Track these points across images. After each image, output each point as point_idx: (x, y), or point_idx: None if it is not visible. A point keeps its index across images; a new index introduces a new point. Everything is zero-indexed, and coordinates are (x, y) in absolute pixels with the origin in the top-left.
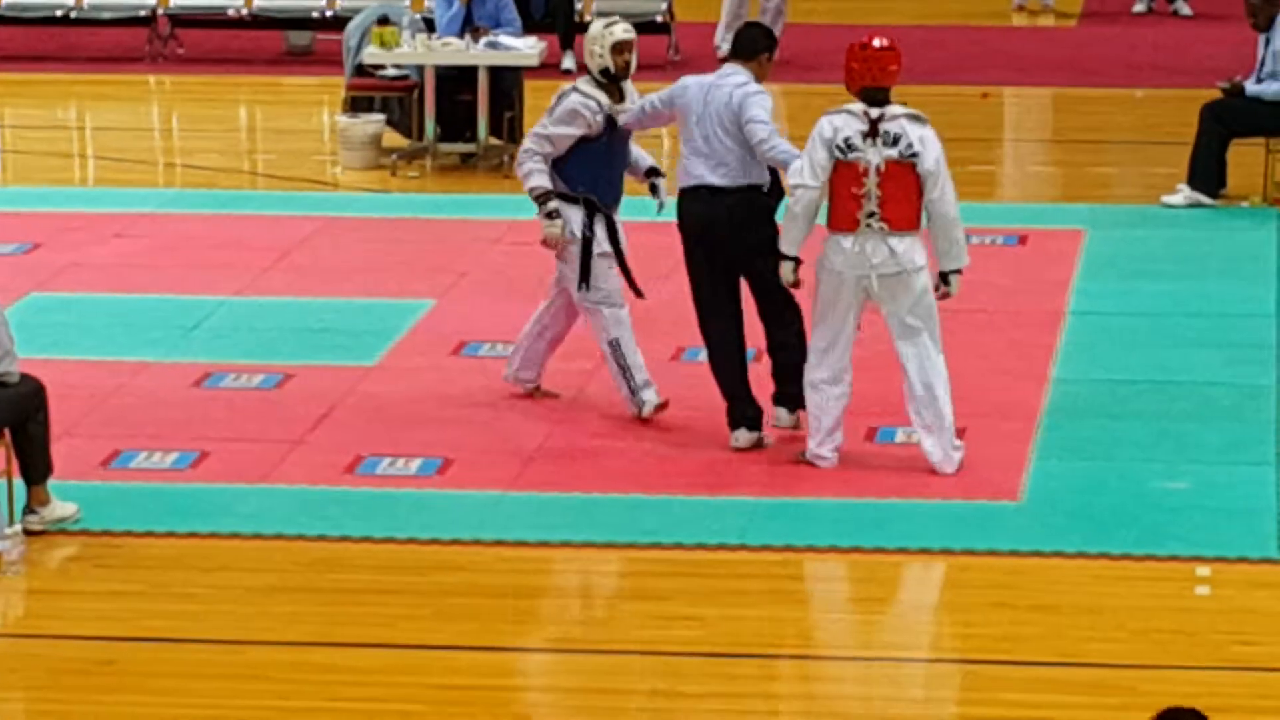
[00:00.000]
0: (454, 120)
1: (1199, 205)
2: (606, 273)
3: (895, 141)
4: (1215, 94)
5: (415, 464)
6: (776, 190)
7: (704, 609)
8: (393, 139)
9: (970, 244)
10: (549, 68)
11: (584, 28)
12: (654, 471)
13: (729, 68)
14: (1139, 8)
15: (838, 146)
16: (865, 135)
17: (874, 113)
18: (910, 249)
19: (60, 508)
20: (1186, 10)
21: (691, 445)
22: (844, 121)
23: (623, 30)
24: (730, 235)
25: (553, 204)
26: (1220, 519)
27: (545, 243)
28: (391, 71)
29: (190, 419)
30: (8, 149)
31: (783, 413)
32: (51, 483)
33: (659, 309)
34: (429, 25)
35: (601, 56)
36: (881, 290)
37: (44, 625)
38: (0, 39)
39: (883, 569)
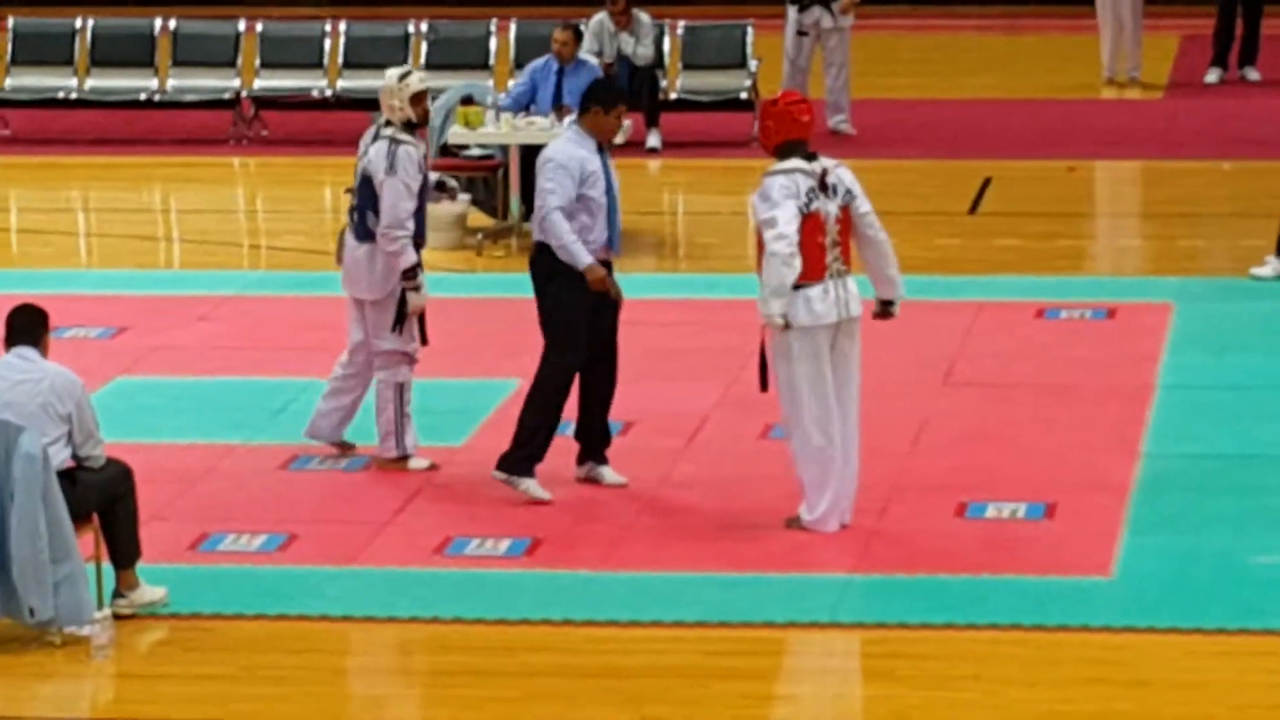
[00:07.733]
0: None
1: None
2: (412, 321)
3: (836, 190)
4: None
5: (504, 544)
6: None
7: (797, 687)
8: (478, 219)
9: (1059, 319)
10: (634, 145)
11: (669, 105)
12: (744, 550)
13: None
14: (1210, 78)
15: (803, 203)
16: (816, 189)
17: (817, 167)
18: (856, 289)
19: (149, 592)
20: (1255, 75)
21: (778, 523)
22: (799, 179)
23: (418, 81)
24: None
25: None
26: None
27: (415, 314)
28: (476, 151)
29: (278, 501)
30: (93, 232)
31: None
32: (140, 566)
33: (747, 388)
34: None
35: (402, 109)
36: (846, 335)
37: (134, 710)
38: (85, 122)
39: (976, 646)
